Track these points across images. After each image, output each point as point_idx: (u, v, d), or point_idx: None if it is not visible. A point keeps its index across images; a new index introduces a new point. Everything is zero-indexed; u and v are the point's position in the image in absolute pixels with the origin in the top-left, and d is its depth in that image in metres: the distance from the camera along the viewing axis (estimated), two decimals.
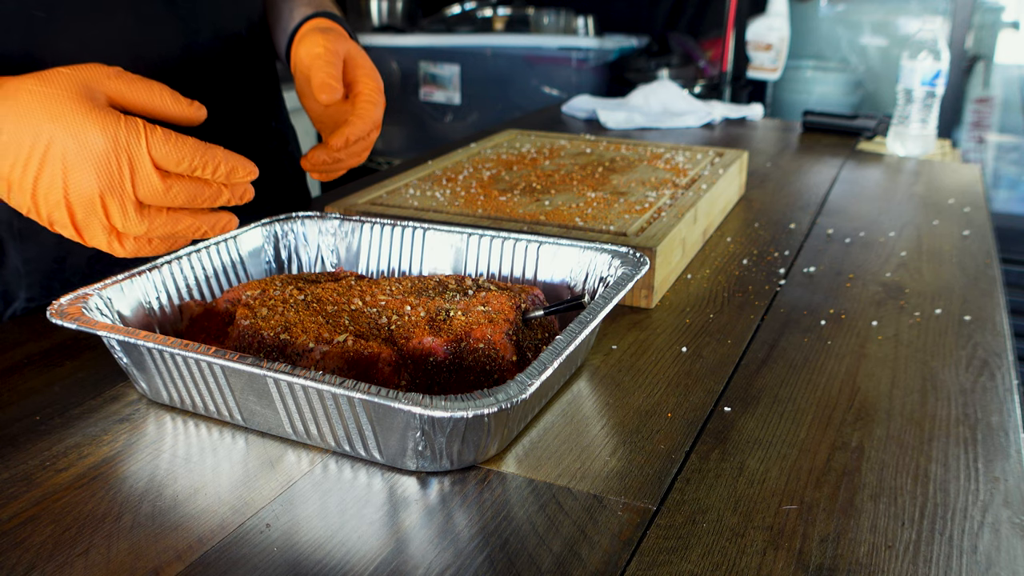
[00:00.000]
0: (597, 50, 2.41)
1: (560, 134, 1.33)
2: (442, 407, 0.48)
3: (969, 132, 2.58)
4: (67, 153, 0.57)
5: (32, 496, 0.53)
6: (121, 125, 0.57)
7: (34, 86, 0.58)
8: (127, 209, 0.59)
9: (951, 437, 0.60)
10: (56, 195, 0.58)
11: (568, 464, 0.57)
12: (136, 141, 0.57)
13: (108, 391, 0.66)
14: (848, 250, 0.98)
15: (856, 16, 2.73)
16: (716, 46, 2.43)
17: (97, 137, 0.57)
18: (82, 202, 0.58)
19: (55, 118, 0.57)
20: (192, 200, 0.61)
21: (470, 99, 2.51)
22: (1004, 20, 2.61)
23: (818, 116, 1.64)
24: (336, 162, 0.79)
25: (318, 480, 0.55)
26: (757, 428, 0.61)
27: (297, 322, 0.61)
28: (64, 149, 0.57)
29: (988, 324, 0.79)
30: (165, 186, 0.59)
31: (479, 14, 2.65)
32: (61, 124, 0.57)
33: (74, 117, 0.57)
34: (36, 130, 0.57)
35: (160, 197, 0.59)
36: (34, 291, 0.82)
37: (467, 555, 0.48)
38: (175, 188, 0.59)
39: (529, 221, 0.89)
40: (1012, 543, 0.50)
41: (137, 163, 0.58)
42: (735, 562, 0.48)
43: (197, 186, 0.61)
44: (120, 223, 0.59)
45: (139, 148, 0.57)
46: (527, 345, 0.64)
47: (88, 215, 0.59)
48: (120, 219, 0.59)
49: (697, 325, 0.78)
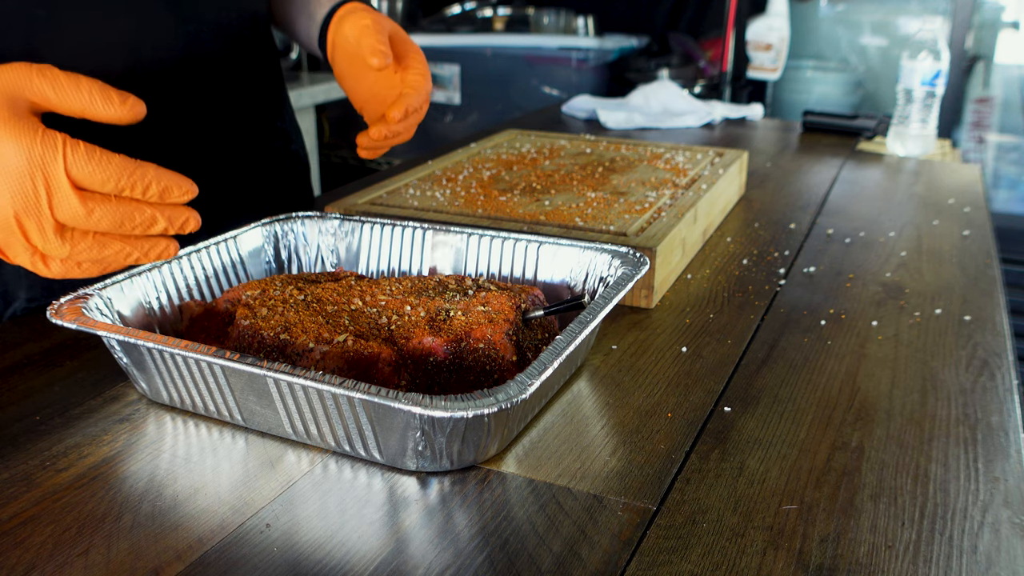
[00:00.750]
0: (597, 50, 2.41)
1: (560, 134, 1.33)
2: (442, 407, 0.48)
3: (969, 132, 2.59)
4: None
5: (32, 496, 0.53)
6: (37, 141, 0.53)
7: None
8: (46, 231, 0.54)
9: (951, 437, 0.60)
10: None
11: (568, 464, 0.57)
12: (52, 159, 0.53)
13: (108, 391, 0.66)
14: (848, 250, 0.98)
15: (856, 16, 2.73)
16: (716, 46, 2.43)
17: (11, 154, 0.52)
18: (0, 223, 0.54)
19: None
20: (119, 225, 0.56)
21: (470, 99, 2.51)
22: (1004, 20, 2.62)
23: (818, 116, 1.64)
24: (394, 136, 0.80)
25: (318, 480, 0.55)
26: (757, 428, 0.61)
27: (297, 322, 0.61)
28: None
29: (988, 324, 0.79)
30: (86, 209, 0.54)
31: (479, 14, 2.65)
32: None
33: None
34: None
35: (82, 220, 0.54)
36: (34, 291, 0.82)
37: (467, 555, 0.48)
38: (98, 211, 0.54)
39: (529, 221, 0.89)
40: (1012, 543, 0.50)
41: (54, 183, 0.53)
42: (735, 562, 0.48)
43: (126, 209, 0.55)
44: (40, 245, 0.55)
45: (55, 167, 0.53)
46: (527, 345, 0.64)
47: (8, 235, 0.55)
48: (40, 241, 0.55)
49: (697, 325, 0.78)
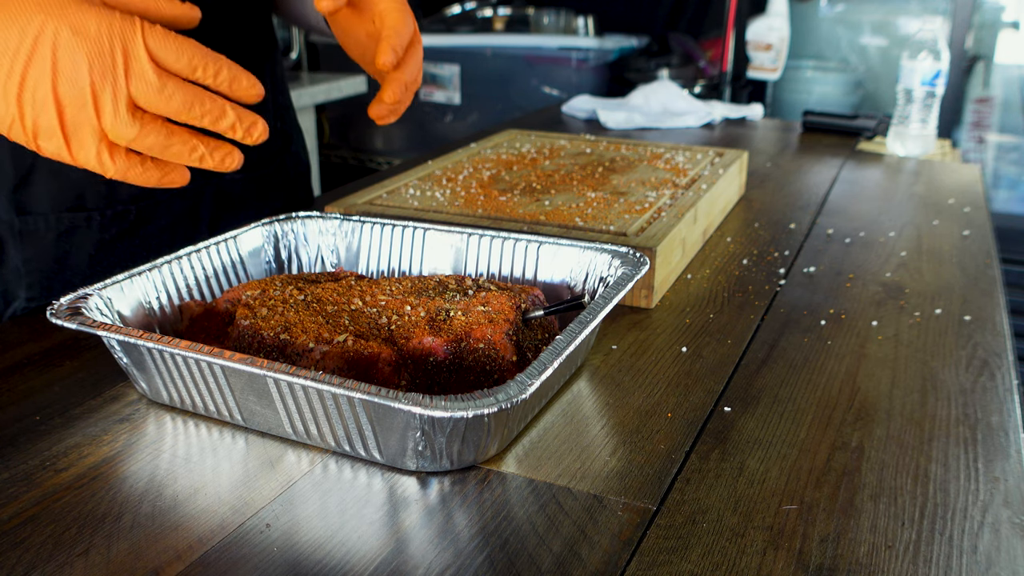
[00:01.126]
0: (597, 50, 2.41)
1: (560, 134, 1.33)
2: (442, 407, 0.48)
3: (969, 132, 2.59)
4: (58, 40, 0.53)
5: (32, 496, 0.53)
6: (116, 15, 0.54)
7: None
8: (119, 105, 0.54)
9: (951, 437, 0.60)
10: (44, 91, 0.54)
11: (568, 464, 0.57)
12: (132, 31, 0.54)
13: (108, 391, 0.66)
14: (848, 250, 0.98)
15: (856, 16, 2.73)
16: (716, 46, 2.43)
17: (91, 23, 0.53)
18: (72, 96, 0.54)
19: (47, 10, 0.54)
20: (190, 107, 0.56)
21: (470, 99, 2.51)
22: (1004, 20, 2.62)
23: (818, 116, 1.64)
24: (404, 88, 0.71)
25: (318, 480, 0.55)
26: (757, 428, 0.61)
27: (297, 322, 0.61)
28: (55, 37, 0.53)
29: (988, 324, 0.79)
30: (161, 82, 0.54)
31: (479, 14, 2.65)
32: (53, 13, 0.53)
33: (66, 7, 0.54)
34: (26, 22, 0.53)
35: (154, 95, 0.54)
36: (34, 291, 0.82)
37: (467, 555, 0.48)
38: (171, 87, 0.55)
39: (529, 221, 0.89)
40: (1012, 543, 0.50)
41: (132, 52, 0.54)
42: (735, 562, 0.48)
43: (197, 92, 0.56)
44: (110, 122, 0.55)
45: (135, 37, 0.54)
46: (527, 345, 0.64)
47: (77, 114, 0.54)
48: (111, 116, 0.54)
49: (697, 325, 0.78)
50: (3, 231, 0.79)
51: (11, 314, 0.82)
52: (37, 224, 0.80)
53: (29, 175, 0.79)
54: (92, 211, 0.83)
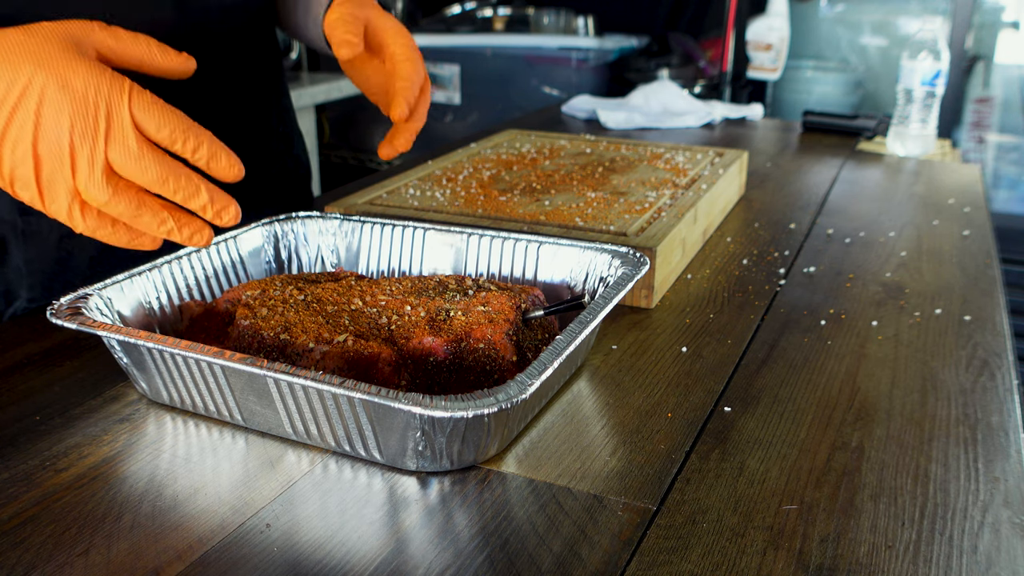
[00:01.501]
0: (597, 50, 2.41)
1: (560, 134, 1.33)
2: (442, 407, 0.48)
3: (969, 132, 2.59)
4: (44, 95, 0.54)
5: (32, 496, 0.53)
6: (106, 76, 0.55)
7: (19, 35, 0.56)
8: (95, 168, 0.54)
9: (951, 437, 0.60)
10: (24, 145, 0.54)
11: (568, 464, 0.57)
12: (119, 93, 0.54)
13: (108, 391, 0.66)
14: (848, 250, 0.98)
15: (856, 16, 2.73)
16: (716, 46, 2.43)
17: (79, 80, 0.54)
18: (50, 152, 0.54)
19: (39, 62, 0.54)
20: (164, 180, 0.56)
21: (470, 99, 2.51)
22: (1004, 20, 2.62)
23: (818, 116, 1.64)
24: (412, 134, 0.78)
25: (318, 480, 0.55)
26: (757, 428, 0.61)
27: (297, 322, 0.61)
28: (42, 91, 0.54)
29: (988, 324, 0.79)
30: (139, 151, 0.55)
31: (479, 14, 2.65)
32: (44, 67, 0.54)
33: (58, 62, 0.54)
34: (14, 73, 0.54)
35: (132, 163, 0.55)
36: (35, 291, 0.82)
37: (467, 555, 0.48)
38: (148, 157, 0.55)
39: (529, 221, 0.89)
40: (1012, 543, 0.50)
41: (115, 116, 0.54)
42: (735, 562, 0.48)
43: (173, 166, 0.56)
44: (84, 183, 0.55)
45: (121, 101, 0.54)
46: (527, 345, 0.64)
47: (54, 171, 0.55)
48: (85, 178, 0.55)
49: (697, 325, 0.78)
50: (6, 231, 0.79)
51: (12, 314, 0.82)
52: (40, 225, 0.80)
53: None
54: None
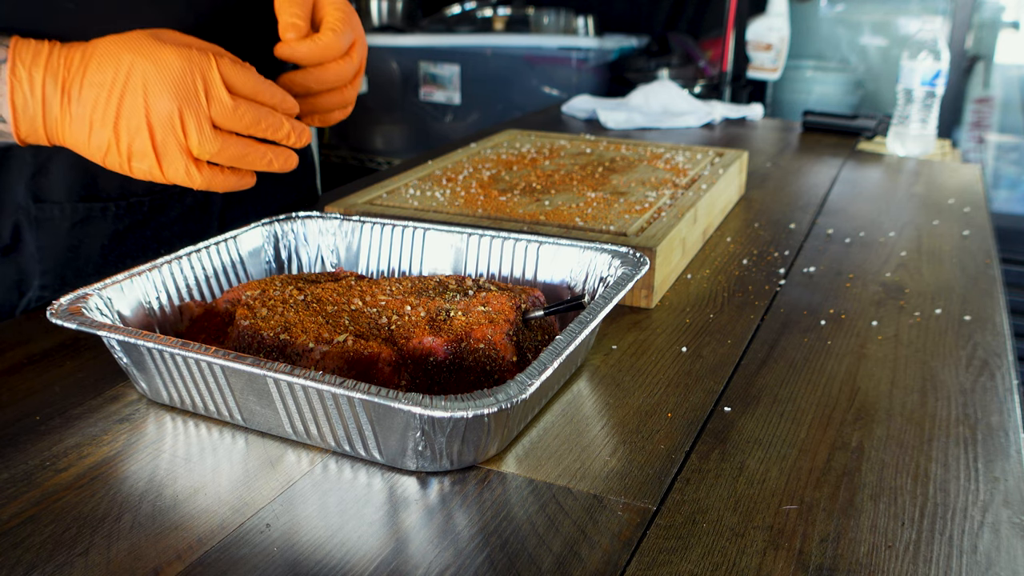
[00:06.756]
0: (597, 50, 2.41)
1: (560, 134, 1.33)
2: (442, 407, 0.48)
3: (969, 132, 2.59)
4: (147, 77, 0.63)
5: (32, 496, 0.53)
6: (193, 50, 0.64)
7: (111, 37, 0.65)
8: (203, 126, 0.64)
9: (951, 437, 0.60)
10: (138, 119, 0.63)
11: (568, 464, 0.57)
12: (208, 63, 0.64)
13: (108, 391, 0.66)
14: (848, 250, 0.98)
15: (856, 16, 2.73)
16: (716, 46, 2.43)
17: (174, 60, 0.63)
18: (162, 122, 0.63)
19: (134, 49, 0.64)
20: (257, 122, 0.66)
21: (470, 99, 2.51)
22: (1004, 20, 2.62)
23: (818, 116, 1.64)
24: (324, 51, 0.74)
25: (318, 480, 0.55)
26: (757, 428, 0.61)
27: (297, 322, 0.61)
28: (144, 74, 0.63)
29: (988, 324, 0.79)
30: (234, 104, 0.65)
31: (479, 14, 2.65)
32: (140, 53, 0.63)
33: (151, 47, 0.64)
34: (117, 63, 0.63)
35: (230, 115, 0.65)
36: (48, 279, 0.83)
37: (467, 555, 0.48)
38: (242, 107, 0.65)
39: (529, 221, 0.89)
40: (1012, 543, 0.50)
41: (210, 81, 0.64)
42: (735, 562, 0.48)
43: (260, 110, 0.67)
44: (196, 142, 0.64)
45: (211, 68, 0.64)
46: (527, 346, 0.64)
47: (167, 135, 0.64)
48: (196, 137, 0.64)
49: (697, 325, 0.78)
50: (20, 217, 0.81)
51: (25, 304, 0.84)
52: (53, 212, 0.82)
53: (47, 164, 0.80)
54: (107, 201, 0.84)
